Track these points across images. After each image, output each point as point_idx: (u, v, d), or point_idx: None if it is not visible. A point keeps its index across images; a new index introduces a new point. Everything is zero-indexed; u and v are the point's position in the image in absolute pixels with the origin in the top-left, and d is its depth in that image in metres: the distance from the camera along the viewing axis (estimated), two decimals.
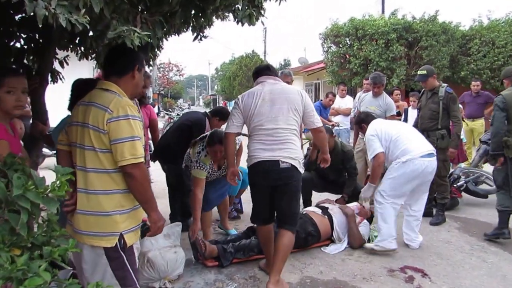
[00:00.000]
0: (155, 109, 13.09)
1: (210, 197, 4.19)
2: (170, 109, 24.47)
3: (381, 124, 4.20)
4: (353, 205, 4.61)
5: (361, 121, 4.48)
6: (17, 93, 2.19)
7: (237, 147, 4.00)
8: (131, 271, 2.09)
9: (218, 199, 4.36)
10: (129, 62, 2.16)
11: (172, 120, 14.65)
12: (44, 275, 1.35)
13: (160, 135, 6.05)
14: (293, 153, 3.11)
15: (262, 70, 3.41)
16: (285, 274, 3.48)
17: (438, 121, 4.78)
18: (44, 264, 1.39)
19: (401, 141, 3.95)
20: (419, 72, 5.00)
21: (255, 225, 3.50)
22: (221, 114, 4.63)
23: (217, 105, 44.92)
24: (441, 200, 4.93)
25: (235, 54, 46.17)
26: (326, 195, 5.24)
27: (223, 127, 4.04)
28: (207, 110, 5.29)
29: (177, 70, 42.01)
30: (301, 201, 5.11)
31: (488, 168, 6.50)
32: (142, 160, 1.99)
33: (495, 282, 3.35)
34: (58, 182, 1.56)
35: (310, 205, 4.99)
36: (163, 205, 5.49)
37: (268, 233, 3.38)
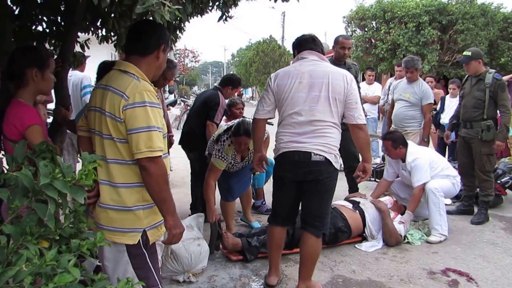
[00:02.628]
0: (172, 97, 13.10)
1: (233, 187, 4.14)
2: (185, 96, 24.55)
3: (431, 153, 4.56)
4: (385, 199, 4.54)
5: (401, 142, 4.37)
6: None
7: (264, 137, 3.92)
8: (153, 270, 2.02)
9: (241, 189, 4.31)
10: (154, 40, 2.00)
11: (188, 107, 14.65)
12: (74, 272, 1.29)
13: (178, 123, 6.03)
14: (328, 146, 2.83)
15: (306, 43, 3.00)
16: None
17: (484, 110, 4.57)
18: (73, 259, 1.33)
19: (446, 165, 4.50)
20: (464, 53, 4.80)
21: (269, 223, 3.23)
22: (232, 82, 4.57)
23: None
24: (484, 198, 4.74)
25: (252, 40, 45.88)
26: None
27: (251, 112, 4.01)
28: (216, 84, 5.22)
29: (193, 57, 42.17)
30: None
31: None
32: (160, 153, 1.86)
33: None
34: (85, 170, 1.50)
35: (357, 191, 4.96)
36: (182, 194, 5.53)
37: (280, 237, 3.17)
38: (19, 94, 2.25)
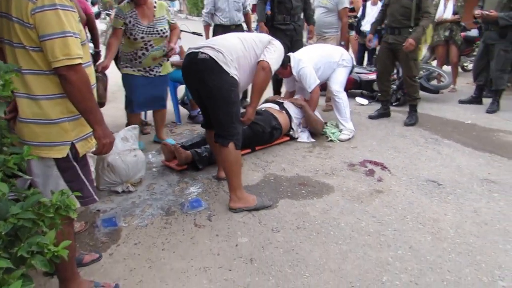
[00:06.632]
0: (95, 9, 11.90)
1: (136, 99, 3.86)
2: (110, 9, 22.55)
3: (306, 53, 4.44)
4: (298, 97, 4.69)
5: (287, 61, 4.29)
6: None
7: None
8: (86, 182, 1.90)
9: (146, 105, 4.02)
10: None
11: None
12: (1, 187, 1.17)
13: (104, 38, 5.56)
14: (218, 47, 2.71)
15: None
16: (248, 172, 3.49)
17: (411, 18, 4.56)
18: None
19: (333, 54, 4.47)
20: None
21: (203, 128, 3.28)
22: None
23: None
24: (413, 102, 4.86)
25: None
26: None
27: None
28: None
29: None
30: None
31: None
32: (79, 61, 1.65)
33: (450, 172, 3.51)
34: (1, 80, 1.31)
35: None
36: (114, 109, 5.27)
37: (211, 138, 3.12)
38: None
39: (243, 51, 2.81)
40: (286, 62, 4.25)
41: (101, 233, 2.66)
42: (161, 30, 3.68)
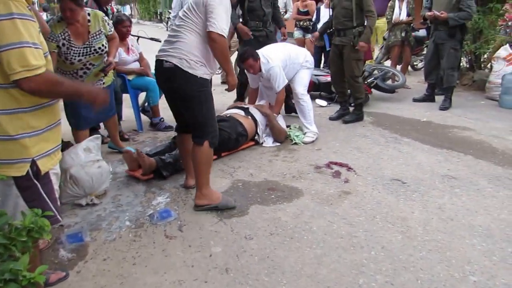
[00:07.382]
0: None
1: (83, 112, 3.53)
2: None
3: (274, 52, 4.40)
4: (263, 102, 4.72)
5: (251, 56, 4.26)
6: None
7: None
8: (48, 201, 1.78)
9: (96, 118, 3.75)
10: None
11: None
12: None
13: None
14: (180, 52, 2.69)
15: None
16: (216, 179, 3.44)
17: (353, 18, 4.67)
18: None
19: (298, 55, 4.53)
20: None
21: (176, 132, 3.27)
22: None
23: None
24: (356, 101, 4.99)
25: None
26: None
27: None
28: None
29: None
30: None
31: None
32: (40, 71, 1.56)
33: (412, 169, 3.62)
34: None
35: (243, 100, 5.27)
36: None
37: (188, 143, 3.05)
38: None
39: (200, 38, 2.72)
40: (255, 55, 4.26)
41: (66, 250, 2.53)
42: (99, 48, 3.43)
